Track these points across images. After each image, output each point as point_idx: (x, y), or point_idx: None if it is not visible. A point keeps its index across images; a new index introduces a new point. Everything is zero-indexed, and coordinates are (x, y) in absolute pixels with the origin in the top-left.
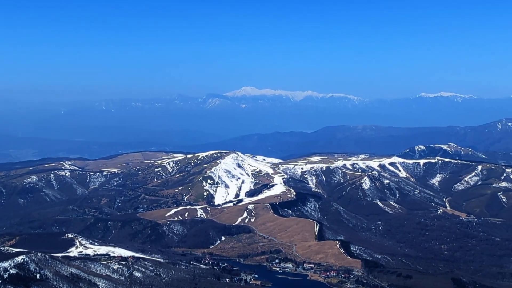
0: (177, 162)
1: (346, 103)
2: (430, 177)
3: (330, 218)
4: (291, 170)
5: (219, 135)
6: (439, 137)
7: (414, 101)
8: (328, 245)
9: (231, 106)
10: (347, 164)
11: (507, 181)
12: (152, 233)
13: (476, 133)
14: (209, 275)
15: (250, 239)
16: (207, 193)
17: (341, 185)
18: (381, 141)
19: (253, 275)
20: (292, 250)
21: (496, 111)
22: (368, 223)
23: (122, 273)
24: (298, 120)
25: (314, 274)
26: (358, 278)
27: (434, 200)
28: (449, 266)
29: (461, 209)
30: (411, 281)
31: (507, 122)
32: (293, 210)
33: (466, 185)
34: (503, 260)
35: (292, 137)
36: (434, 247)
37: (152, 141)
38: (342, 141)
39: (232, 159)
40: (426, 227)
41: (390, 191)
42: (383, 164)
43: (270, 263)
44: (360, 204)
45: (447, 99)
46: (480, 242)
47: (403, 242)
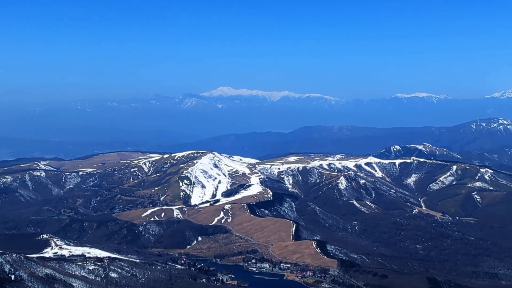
0: (154, 162)
1: (322, 103)
2: (406, 177)
3: (306, 218)
4: (267, 170)
5: (195, 135)
6: (415, 137)
7: (390, 101)
8: (304, 245)
9: (207, 106)
10: (324, 164)
11: (482, 181)
12: (128, 233)
13: (451, 133)
14: (186, 276)
15: (226, 239)
16: (184, 193)
17: (317, 185)
18: (358, 141)
19: (229, 275)
20: (268, 250)
21: (471, 111)
22: (344, 223)
23: (98, 274)
24: (274, 120)
25: (291, 274)
26: (334, 278)
27: (409, 200)
28: (424, 266)
29: (436, 208)
30: (387, 281)
31: (481, 123)
32: (269, 210)
33: (441, 185)
34: (477, 260)
35: (269, 137)
36: (410, 246)
37: (128, 141)
38: (318, 141)
39: (209, 159)
40: (401, 226)
41: (366, 191)
42: (359, 164)
43: (247, 263)
44: (337, 204)
45: (423, 100)
46: (454, 241)
47: (379, 241)
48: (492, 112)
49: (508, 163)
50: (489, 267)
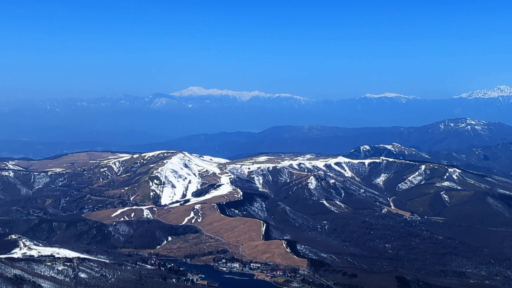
0: (123, 162)
1: (292, 103)
2: (375, 176)
3: (276, 217)
4: (238, 170)
5: (165, 135)
6: (384, 137)
7: (360, 101)
8: (274, 245)
9: (177, 106)
10: (294, 164)
11: (450, 180)
12: (97, 233)
13: (419, 133)
14: (156, 276)
15: (197, 239)
16: (154, 193)
17: (287, 185)
18: (327, 141)
19: (199, 275)
20: (238, 250)
21: (439, 112)
22: (314, 222)
23: (67, 274)
24: (245, 120)
25: (261, 273)
26: (304, 277)
27: (378, 200)
28: (393, 265)
29: (405, 208)
30: (356, 280)
31: (449, 123)
32: (240, 210)
33: (410, 185)
34: (445, 258)
35: (239, 137)
36: (379, 245)
37: (98, 141)
38: (288, 141)
39: (179, 159)
40: (371, 226)
41: (335, 191)
42: (329, 164)
43: (217, 263)
44: (307, 203)
45: (392, 100)
46: (423, 240)
47: (349, 241)
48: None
49: (476, 163)
50: (457, 265)
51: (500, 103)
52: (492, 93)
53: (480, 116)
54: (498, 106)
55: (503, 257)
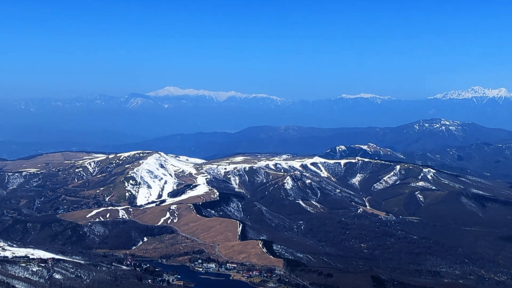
0: (99, 163)
1: (269, 103)
2: (351, 176)
3: (253, 218)
4: (214, 170)
5: (141, 135)
6: (360, 138)
7: (335, 102)
8: (250, 245)
9: (153, 106)
10: (270, 164)
11: (424, 180)
12: (72, 234)
13: (394, 133)
14: (131, 276)
15: (172, 240)
16: (129, 194)
17: (264, 185)
18: (303, 141)
19: (175, 276)
20: (215, 250)
21: (414, 112)
22: (290, 222)
23: (42, 276)
24: (221, 120)
25: (237, 273)
26: (280, 277)
27: (354, 200)
28: (368, 264)
29: (380, 208)
30: (332, 279)
31: (424, 123)
32: (216, 210)
33: (385, 185)
34: (420, 258)
35: (216, 137)
36: (354, 245)
37: (73, 141)
38: (265, 141)
39: (155, 160)
40: (346, 226)
41: (312, 191)
42: (305, 164)
43: (193, 263)
44: (283, 203)
45: (367, 101)
46: (398, 240)
47: (324, 241)
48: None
49: (450, 163)
50: (432, 265)
51: (474, 104)
52: (466, 94)
53: (454, 116)
54: (472, 107)
55: (476, 256)
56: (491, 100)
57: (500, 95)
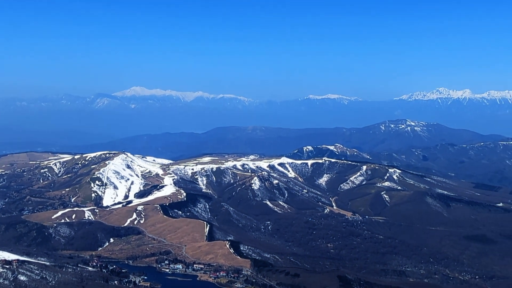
0: (64, 163)
1: (236, 104)
2: (318, 177)
3: (220, 218)
4: (181, 171)
5: (108, 135)
6: (327, 138)
7: (303, 102)
8: (218, 246)
9: (120, 106)
10: (238, 165)
11: (390, 180)
12: (38, 235)
13: (361, 134)
14: (97, 278)
15: (139, 241)
16: (95, 195)
17: (231, 186)
18: (271, 142)
19: (142, 277)
20: (182, 251)
21: (380, 113)
22: (257, 223)
23: (6, 277)
24: (188, 121)
25: (204, 274)
26: (247, 278)
27: (321, 200)
28: (335, 264)
29: (347, 208)
30: (299, 279)
31: (390, 124)
32: (183, 211)
33: (352, 185)
34: (386, 258)
35: (183, 137)
36: (321, 245)
37: (38, 141)
38: (232, 142)
39: (121, 160)
40: (313, 226)
41: (279, 191)
42: (272, 165)
43: (160, 264)
44: (250, 204)
45: (334, 101)
46: (364, 240)
47: (292, 241)
48: (400, 113)
49: (415, 163)
50: (397, 264)
51: (439, 104)
52: (431, 95)
53: (419, 117)
54: (437, 108)
55: (441, 256)
56: (455, 101)
57: (465, 96)
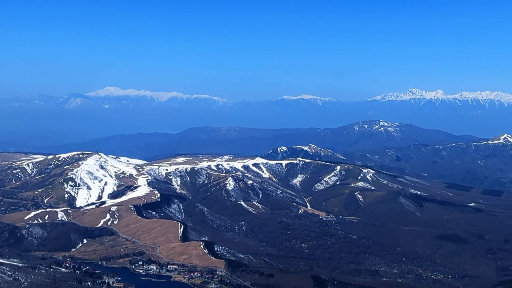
0: (37, 164)
1: (211, 104)
2: (292, 177)
3: (194, 219)
4: (155, 171)
5: (81, 136)
6: (301, 139)
7: (277, 103)
8: (192, 246)
9: (93, 106)
10: (212, 165)
11: (364, 181)
12: (10, 236)
13: (335, 134)
14: (70, 279)
15: (113, 242)
16: (69, 195)
17: (205, 186)
18: (245, 142)
19: (116, 278)
20: (156, 252)
21: (354, 113)
22: (232, 223)
23: None
24: (162, 121)
25: (178, 275)
26: (221, 278)
27: (295, 200)
28: (309, 264)
29: (321, 208)
30: (273, 280)
31: (363, 125)
32: (157, 212)
33: (326, 185)
34: (359, 257)
35: (157, 138)
36: (295, 245)
37: (11, 142)
38: (207, 142)
39: (95, 160)
40: (287, 226)
41: (253, 192)
42: (247, 165)
43: (134, 265)
44: (224, 204)
45: (308, 102)
46: (338, 240)
47: (266, 241)
48: (374, 114)
49: (389, 163)
50: (371, 264)
51: (412, 105)
52: (404, 95)
53: (393, 118)
54: (410, 109)
55: (414, 255)
56: (428, 102)
57: (437, 97)
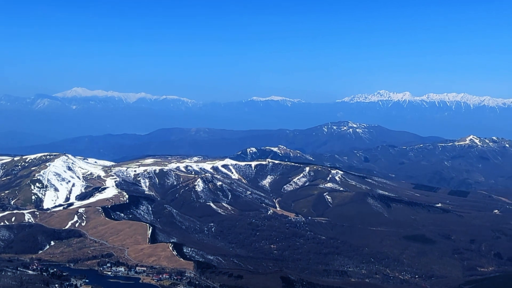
0: (3, 165)
1: (180, 105)
2: (261, 178)
3: (163, 220)
4: (123, 172)
5: (48, 137)
6: (270, 140)
7: (246, 104)
8: (161, 248)
9: (61, 107)
10: (181, 167)
11: (333, 182)
12: None
13: (304, 136)
14: (38, 281)
15: (80, 244)
16: (36, 197)
17: (174, 188)
18: (215, 144)
19: (83, 280)
20: (124, 254)
21: (323, 115)
22: (201, 224)
23: None
24: (131, 122)
25: (147, 277)
26: (190, 280)
27: (264, 201)
28: (278, 265)
29: (290, 209)
30: (242, 281)
31: (332, 126)
32: (125, 213)
33: (295, 186)
34: (328, 258)
35: (125, 139)
36: (265, 246)
37: None
38: (176, 144)
39: (62, 162)
40: (257, 227)
41: (223, 193)
42: (216, 166)
43: (102, 267)
44: (194, 206)
45: (278, 103)
46: (307, 241)
47: (235, 242)
48: (342, 115)
49: (357, 164)
50: (339, 265)
51: (380, 107)
52: (372, 97)
53: (361, 119)
54: (378, 110)
55: (382, 255)
56: (396, 103)
57: (405, 99)
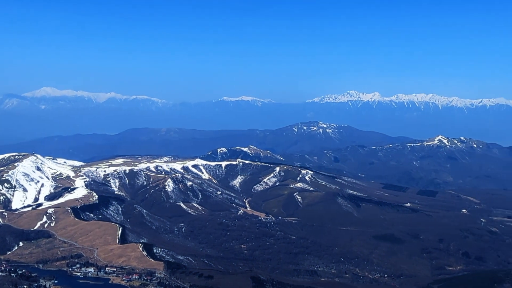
0: None
1: (150, 105)
2: (232, 178)
3: (133, 221)
4: (93, 173)
5: (17, 137)
6: (241, 140)
7: (217, 104)
8: (130, 248)
9: (30, 107)
10: (151, 167)
11: (303, 182)
12: None
13: (274, 136)
14: (6, 282)
15: (49, 244)
16: (4, 198)
17: (144, 188)
18: (185, 144)
19: (53, 281)
20: (93, 254)
21: (293, 115)
22: (171, 225)
23: None
24: (100, 122)
25: (117, 277)
26: (160, 280)
27: (235, 201)
28: (248, 265)
29: (260, 209)
30: (212, 281)
31: (302, 126)
32: (95, 214)
33: (265, 186)
34: (298, 258)
35: (95, 139)
36: (235, 246)
37: None
38: (146, 144)
39: (31, 162)
40: (227, 227)
41: (193, 193)
42: (186, 167)
43: (71, 268)
44: (164, 206)
45: (248, 103)
46: (277, 240)
47: (205, 242)
48: (313, 116)
49: (327, 164)
50: (309, 264)
51: (350, 107)
52: (342, 97)
53: (331, 119)
54: (348, 110)
55: (352, 255)
56: (365, 104)
57: (374, 99)
